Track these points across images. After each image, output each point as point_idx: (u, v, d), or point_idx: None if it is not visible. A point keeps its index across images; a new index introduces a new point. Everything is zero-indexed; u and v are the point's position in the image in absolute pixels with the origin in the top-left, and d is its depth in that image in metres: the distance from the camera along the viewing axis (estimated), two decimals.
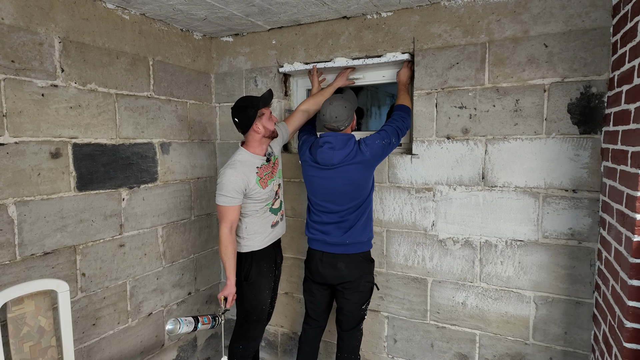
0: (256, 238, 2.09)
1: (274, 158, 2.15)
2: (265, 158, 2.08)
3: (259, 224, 2.09)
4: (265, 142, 2.07)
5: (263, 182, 2.03)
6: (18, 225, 1.73)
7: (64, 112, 1.88)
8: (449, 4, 2.05)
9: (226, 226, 1.97)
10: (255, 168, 2.02)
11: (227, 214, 1.97)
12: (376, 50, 2.25)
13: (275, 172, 2.15)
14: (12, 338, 1.59)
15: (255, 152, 2.05)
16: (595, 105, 1.79)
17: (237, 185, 1.95)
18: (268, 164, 2.09)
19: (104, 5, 2.04)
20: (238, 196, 1.97)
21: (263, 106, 1.99)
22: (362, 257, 2.06)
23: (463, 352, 2.18)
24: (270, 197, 2.09)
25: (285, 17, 2.31)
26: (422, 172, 2.19)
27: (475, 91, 2.03)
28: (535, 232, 1.96)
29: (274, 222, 2.16)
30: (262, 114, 1.99)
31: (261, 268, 2.10)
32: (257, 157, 2.05)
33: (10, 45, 1.67)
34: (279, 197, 2.18)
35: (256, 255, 2.10)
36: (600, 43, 1.76)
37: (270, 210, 2.12)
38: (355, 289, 2.05)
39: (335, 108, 1.95)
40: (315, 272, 2.10)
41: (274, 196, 2.12)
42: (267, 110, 2.02)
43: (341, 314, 2.12)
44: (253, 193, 2.00)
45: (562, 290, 1.93)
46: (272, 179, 2.10)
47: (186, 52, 2.55)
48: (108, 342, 2.17)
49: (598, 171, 1.82)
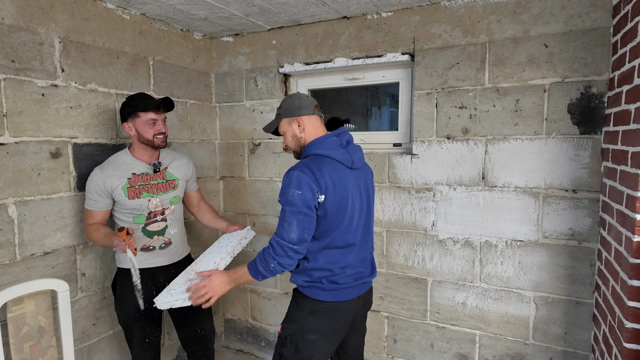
0: (124, 255, 1.81)
1: (169, 176, 1.95)
2: (151, 168, 1.89)
3: None
4: (146, 149, 1.87)
5: (133, 192, 1.82)
6: (18, 225, 1.73)
7: (64, 112, 1.88)
8: (449, 4, 2.05)
9: (86, 226, 1.82)
10: (130, 173, 1.83)
11: (88, 218, 1.81)
12: (376, 50, 2.25)
13: (166, 192, 1.93)
14: (12, 338, 1.59)
15: (136, 157, 1.88)
16: (596, 105, 1.79)
17: (97, 185, 1.77)
18: (153, 174, 1.90)
19: (104, 5, 2.04)
20: (101, 200, 1.79)
21: (142, 110, 1.79)
22: None
23: (463, 352, 2.18)
24: (138, 211, 1.85)
25: (285, 17, 2.31)
26: (422, 172, 2.19)
27: (476, 91, 2.03)
28: (536, 232, 1.96)
29: (146, 245, 1.89)
30: (138, 116, 1.79)
31: (126, 287, 1.86)
32: (138, 162, 1.87)
33: (10, 45, 1.67)
34: (161, 220, 1.92)
35: (124, 274, 1.89)
36: (600, 43, 1.76)
37: (142, 230, 1.88)
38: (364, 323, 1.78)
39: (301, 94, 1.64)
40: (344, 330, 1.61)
41: (148, 214, 1.88)
42: (146, 115, 1.79)
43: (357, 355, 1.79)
44: (118, 200, 1.81)
45: (562, 290, 1.93)
46: (153, 195, 1.88)
47: (186, 52, 2.55)
48: (108, 342, 2.17)
49: (598, 171, 1.82)
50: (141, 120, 1.80)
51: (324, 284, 1.53)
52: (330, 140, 1.54)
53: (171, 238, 1.99)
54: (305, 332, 1.54)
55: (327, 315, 1.55)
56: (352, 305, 1.59)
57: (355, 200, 1.54)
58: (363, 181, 1.62)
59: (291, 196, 1.42)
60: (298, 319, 1.57)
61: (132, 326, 1.90)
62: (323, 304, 1.54)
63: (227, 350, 2.96)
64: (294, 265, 1.50)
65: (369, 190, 1.66)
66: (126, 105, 1.83)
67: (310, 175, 1.43)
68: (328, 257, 1.52)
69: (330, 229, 1.49)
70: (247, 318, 2.89)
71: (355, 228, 1.56)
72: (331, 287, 1.53)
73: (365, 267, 1.63)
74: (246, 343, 2.92)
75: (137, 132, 1.82)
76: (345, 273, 1.54)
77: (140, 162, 1.88)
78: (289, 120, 1.59)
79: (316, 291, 1.54)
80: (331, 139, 1.54)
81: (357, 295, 1.60)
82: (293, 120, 1.58)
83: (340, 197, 1.48)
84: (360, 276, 1.59)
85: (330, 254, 1.52)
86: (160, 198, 1.91)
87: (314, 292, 1.54)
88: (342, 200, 1.49)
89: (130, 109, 1.80)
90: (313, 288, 1.54)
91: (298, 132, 1.58)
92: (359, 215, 1.58)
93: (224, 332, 3.01)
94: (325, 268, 1.52)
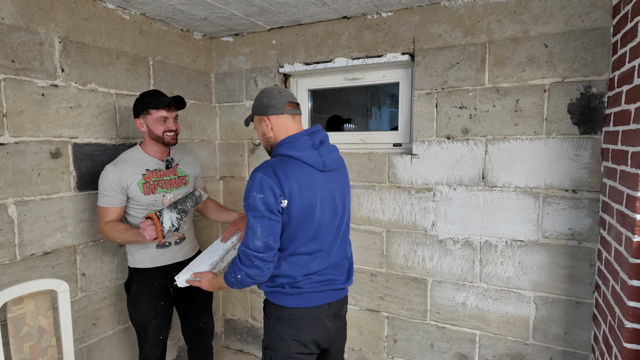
0: (141, 253, 1.89)
1: (180, 172, 1.99)
2: (164, 164, 1.93)
3: None
4: (157, 145, 1.90)
5: (148, 188, 1.86)
6: (18, 225, 1.73)
7: (64, 112, 1.88)
8: (449, 4, 2.05)
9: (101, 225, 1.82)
10: (144, 169, 1.86)
11: (104, 216, 1.81)
12: (376, 50, 2.25)
13: (179, 188, 1.97)
14: (12, 338, 1.59)
15: (148, 153, 1.91)
16: (596, 105, 1.79)
17: (112, 182, 1.79)
18: (166, 170, 1.93)
19: (104, 5, 2.04)
20: (117, 196, 1.80)
21: (154, 108, 1.82)
22: None
23: (463, 352, 2.18)
24: (155, 207, 1.88)
25: (285, 17, 2.31)
26: (422, 172, 2.19)
27: (476, 91, 2.03)
28: (535, 232, 1.96)
29: (162, 241, 1.92)
30: (149, 113, 1.83)
31: (143, 286, 1.90)
32: (151, 158, 1.91)
33: (10, 45, 1.67)
34: None
35: (139, 274, 1.92)
36: (600, 43, 1.76)
37: None
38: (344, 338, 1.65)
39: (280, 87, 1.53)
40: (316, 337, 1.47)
41: None
42: (157, 113, 1.82)
43: None
44: (132, 196, 1.83)
45: (562, 290, 1.93)
46: (167, 190, 1.92)
47: (186, 52, 2.55)
48: (108, 342, 2.17)
49: (598, 171, 1.82)
50: (152, 117, 1.84)
51: (285, 289, 1.43)
52: (302, 139, 1.41)
53: (185, 233, 2.03)
54: (275, 342, 1.45)
55: (291, 324, 1.44)
56: (320, 313, 1.45)
57: (326, 206, 1.42)
58: (338, 183, 1.48)
59: (253, 200, 1.31)
60: (268, 329, 1.49)
61: (147, 324, 1.91)
62: (287, 310, 1.44)
63: (227, 350, 2.96)
64: (264, 276, 1.37)
65: (344, 192, 1.52)
66: (139, 102, 1.86)
67: (273, 178, 1.31)
68: (292, 264, 1.42)
69: (295, 237, 1.38)
70: (247, 318, 2.89)
71: (325, 234, 1.44)
72: (293, 292, 1.43)
73: (340, 274, 1.51)
74: (246, 343, 2.92)
75: (148, 129, 1.86)
76: (311, 279, 1.44)
77: (152, 158, 1.92)
78: (259, 118, 1.49)
79: (279, 296, 1.45)
80: (302, 139, 1.41)
81: (326, 302, 1.47)
82: (262, 119, 1.47)
83: (307, 202, 1.36)
84: (330, 282, 1.47)
85: (295, 261, 1.42)
86: (174, 194, 1.95)
87: (277, 298, 1.45)
88: (310, 206, 1.37)
89: (142, 105, 1.84)
90: (276, 293, 1.45)
91: (267, 132, 1.47)
92: (330, 222, 1.45)
93: (224, 332, 3.01)
94: (287, 275, 1.42)
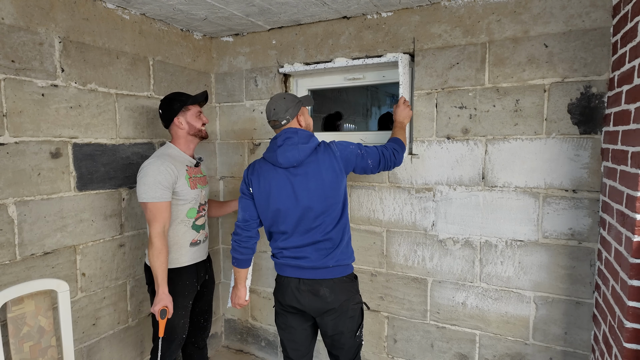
0: (174, 252, 1.89)
1: (203, 171, 2.05)
2: (194, 161, 1.98)
3: (179, 236, 1.91)
4: (193, 141, 1.97)
5: (193, 182, 1.91)
6: (18, 225, 1.73)
7: (64, 112, 1.88)
8: (449, 4, 2.05)
9: (159, 226, 1.76)
10: (185, 165, 1.91)
11: (158, 212, 1.76)
12: (376, 50, 2.25)
13: (204, 184, 2.03)
14: (12, 338, 1.59)
15: (183, 150, 1.95)
16: (596, 105, 1.79)
17: (167, 176, 1.78)
18: (197, 167, 1.99)
19: (104, 5, 2.04)
20: (169, 191, 1.80)
21: (191, 103, 1.93)
22: (347, 278, 1.77)
23: (463, 352, 2.18)
24: (196, 202, 1.93)
25: (285, 17, 2.31)
26: (422, 172, 2.19)
27: (476, 91, 2.03)
28: (535, 232, 1.96)
29: (194, 240, 1.97)
30: (188, 109, 1.92)
31: (174, 286, 1.90)
32: (186, 155, 1.96)
33: (10, 45, 1.67)
34: (204, 214, 2.02)
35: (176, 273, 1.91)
36: (600, 43, 1.76)
37: (192, 226, 1.95)
38: (345, 315, 1.74)
39: (273, 101, 1.75)
40: (292, 303, 1.75)
41: (199, 206, 1.97)
42: (194, 108, 1.95)
43: (336, 349, 1.82)
44: (180, 190, 1.84)
45: (562, 290, 1.93)
46: (202, 186, 2.00)
47: (186, 52, 2.55)
48: (108, 342, 2.17)
49: (598, 171, 1.82)
50: (191, 113, 1.94)
51: (276, 257, 1.81)
52: (271, 142, 1.75)
53: (207, 231, 2.10)
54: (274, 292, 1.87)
55: (276, 286, 1.84)
56: (289, 283, 1.76)
57: (281, 195, 1.71)
58: (299, 178, 1.70)
59: (240, 185, 1.83)
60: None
61: (177, 324, 1.95)
62: (277, 276, 1.84)
63: (227, 350, 2.96)
64: (243, 242, 1.81)
65: (310, 186, 1.69)
66: (174, 102, 1.91)
67: (249, 169, 1.81)
68: (273, 240, 1.81)
69: (263, 216, 1.79)
70: (247, 318, 2.89)
71: (287, 219, 1.72)
72: (276, 261, 1.81)
73: (314, 252, 1.73)
74: (246, 343, 2.92)
75: (188, 125, 1.93)
76: (283, 254, 1.77)
77: (186, 156, 1.97)
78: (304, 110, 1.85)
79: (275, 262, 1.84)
80: (272, 142, 1.75)
81: (295, 276, 1.75)
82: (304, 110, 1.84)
83: (264, 190, 1.73)
84: (299, 257, 1.74)
85: (275, 237, 1.80)
86: (205, 190, 2.04)
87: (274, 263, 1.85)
88: (266, 194, 1.73)
89: (180, 104, 1.91)
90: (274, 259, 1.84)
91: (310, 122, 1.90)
92: (293, 209, 1.70)
93: (224, 332, 3.01)
94: (273, 247, 1.82)
